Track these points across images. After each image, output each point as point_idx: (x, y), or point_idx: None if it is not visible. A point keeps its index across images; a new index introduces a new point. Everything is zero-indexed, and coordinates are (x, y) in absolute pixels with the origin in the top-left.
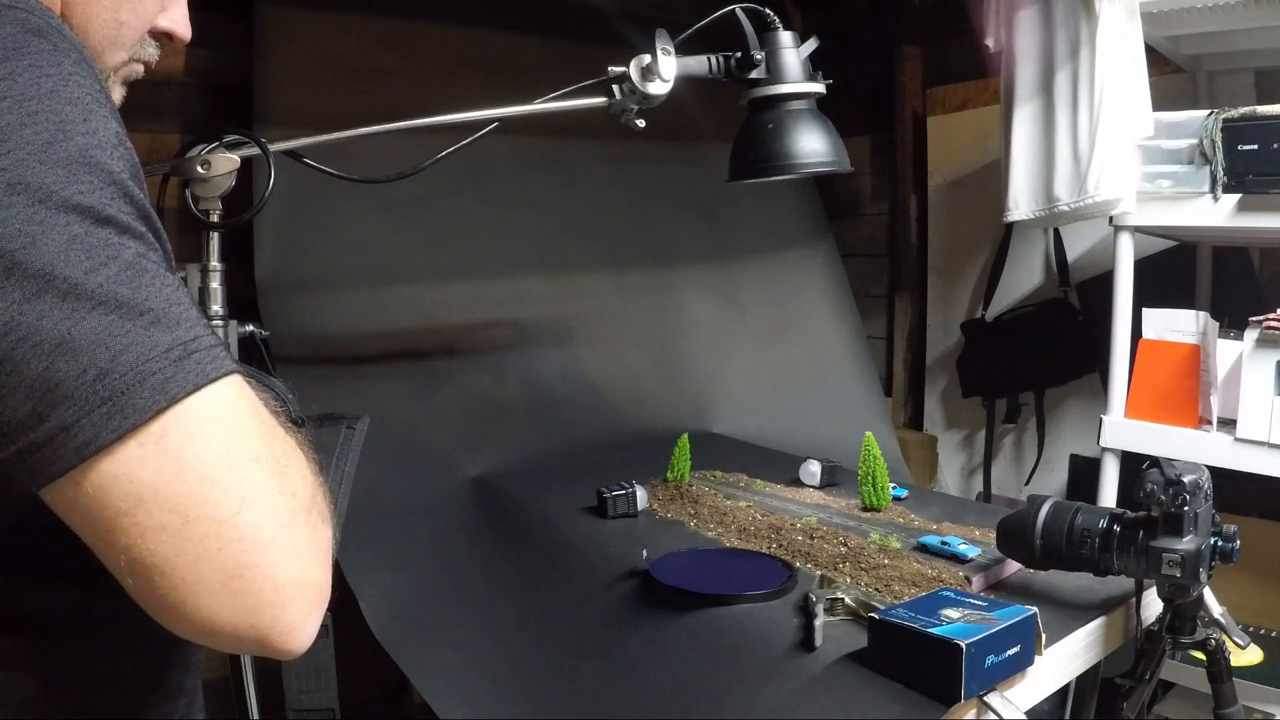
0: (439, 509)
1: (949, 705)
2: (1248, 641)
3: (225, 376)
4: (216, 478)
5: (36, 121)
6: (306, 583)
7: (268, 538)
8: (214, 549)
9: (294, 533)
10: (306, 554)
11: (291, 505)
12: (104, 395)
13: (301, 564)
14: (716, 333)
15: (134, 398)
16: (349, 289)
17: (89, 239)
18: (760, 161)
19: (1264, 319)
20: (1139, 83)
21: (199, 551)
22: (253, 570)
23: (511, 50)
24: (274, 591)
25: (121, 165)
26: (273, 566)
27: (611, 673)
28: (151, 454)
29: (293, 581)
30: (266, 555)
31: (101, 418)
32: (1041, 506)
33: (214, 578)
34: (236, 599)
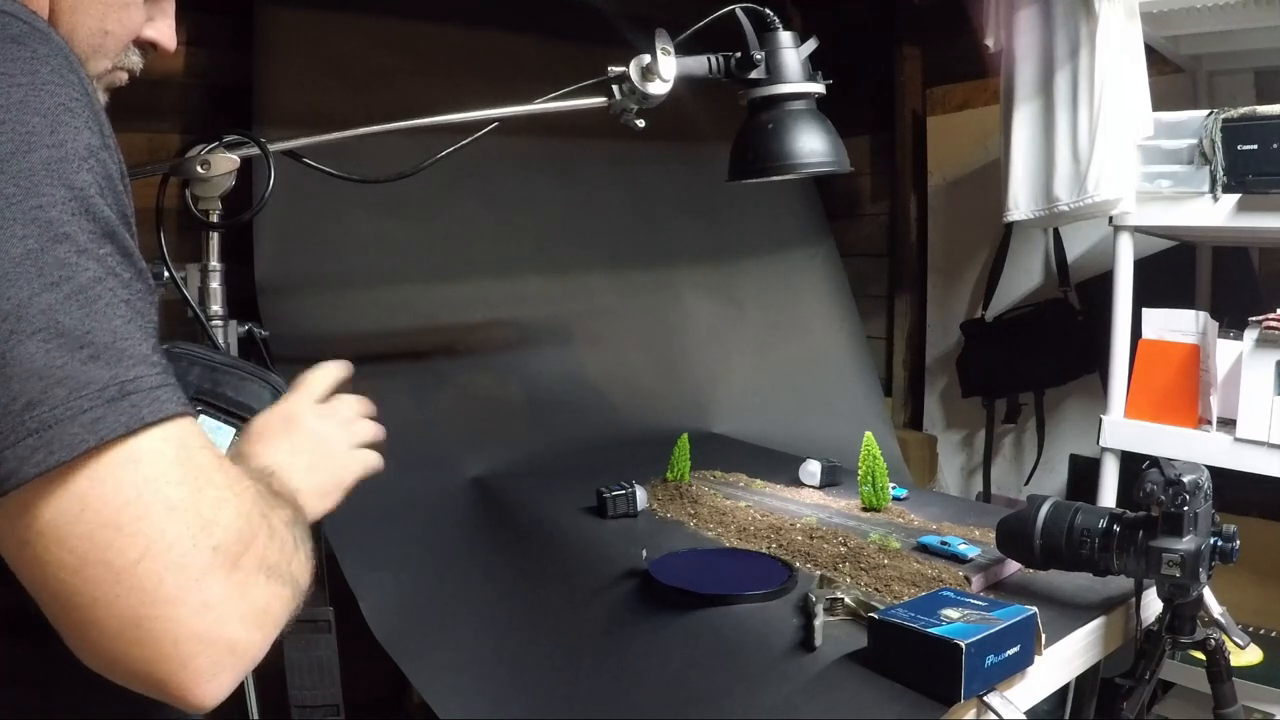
0: (439, 509)
1: (949, 705)
2: (1247, 641)
3: (164, 421)
4: (120, 524)
5: (1, 131)
6: (214, 640)
7: (170, 591)
8: (110, 595)
9: (205, 588)
10: (219, 610)
11: (208, 560)
12: (31, 427)
13: (210, 621)
14: (716, 333)
15: (61, 433)
16: (349, 289)
17: (43, 256)
18: (760, 161)
19: (1264, 319)
20: (1139, 83)
21: (95, 595)
22: (150, 622)
23: (511, 50)
24: (173, 645)
25: (89, 178)
26: (172, 620)
27: (611, 673)
28: (57, 491)
29: (195, 637)
30: (166, 609)
31: (26, 450)
32: (1041, 506)
33: (110, 623)
34: (135, 648)
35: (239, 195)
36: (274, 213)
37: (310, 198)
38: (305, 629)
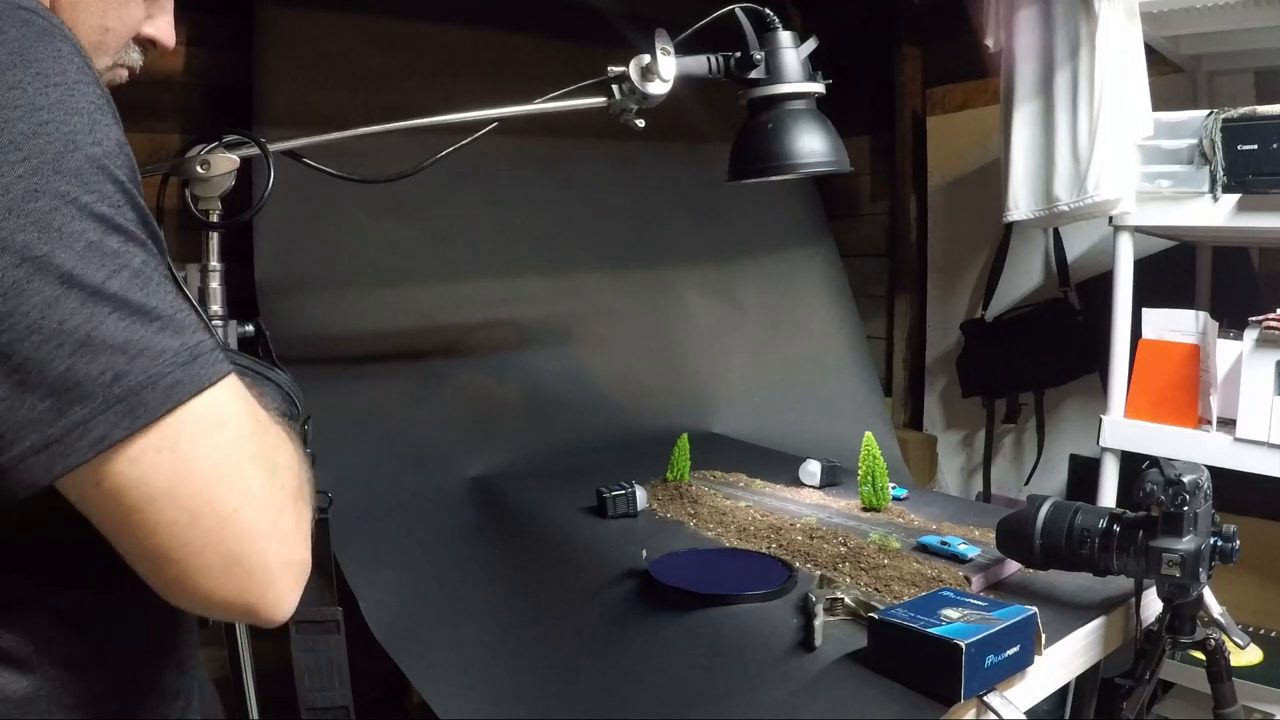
0: (439, 509)
1: (949, 705)
2: (1247, 641)
3: (225, 378)
4: (220, 478)
5: (48, 131)
6: (292, 563)
7: (262, 528)
8: (216, 540)
9: (282, 522)
10: (293, 539)
11: (281, 497)
12: (118, 394)
13: (288, 548)
14: (716, 333)
15: (146, 398)
16: (349, 289)
17: (104, 245)
18: (760, 161)
19: (1264, 319)
20: (1139, 83)
21: (204, 543)
22: (249, 557)
23: (511, 50)
24: (264, 573)
25: (126, 173)
26: (265, 554)
27: (611, 673)
28: (165, 458)
29: (281, 564)
30: (260, 543)
31: (116, 415)
32: (1041, 506)
33: (215, 563)
34: (233, 580)
35: (239, 195)
36: (274, 213)
37: (310, 198)
38: (314, 629)
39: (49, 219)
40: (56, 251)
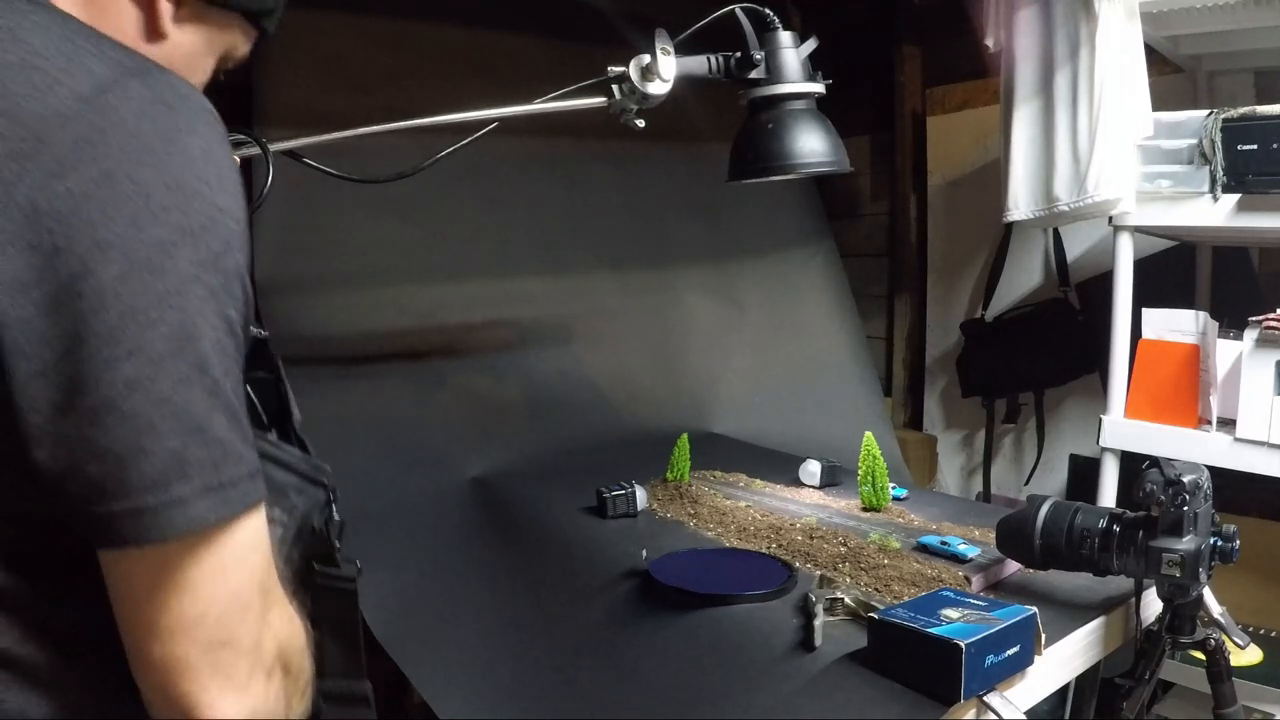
0: (439, 509)
1: (949, 705)
2: (1247, 641)
3: (262, 502)
4: (265, 585)
5: (218, 228)
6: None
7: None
8: (203, 639)
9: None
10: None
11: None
12: (215, 484)
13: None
14: (716, 333)
15: (231, 496)
16: (349, 289)
17: (226, 347)
18: (760, 161)
19: (1264, 319)
20: (1139, 83)
21: (193, 640)
22: (224, 665)
23: (511, 50)
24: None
25: (248, 288)
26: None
27: (611, 673)
28: (216, 556)
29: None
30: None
31: (211, 503)
32: (1041, 506)
33: (193, 658)
34: (191, 675)
35: None
36: (274, 213)
37: (310, 198)
38: (341, 705)
39: (200, 307)
40: (199, 340)
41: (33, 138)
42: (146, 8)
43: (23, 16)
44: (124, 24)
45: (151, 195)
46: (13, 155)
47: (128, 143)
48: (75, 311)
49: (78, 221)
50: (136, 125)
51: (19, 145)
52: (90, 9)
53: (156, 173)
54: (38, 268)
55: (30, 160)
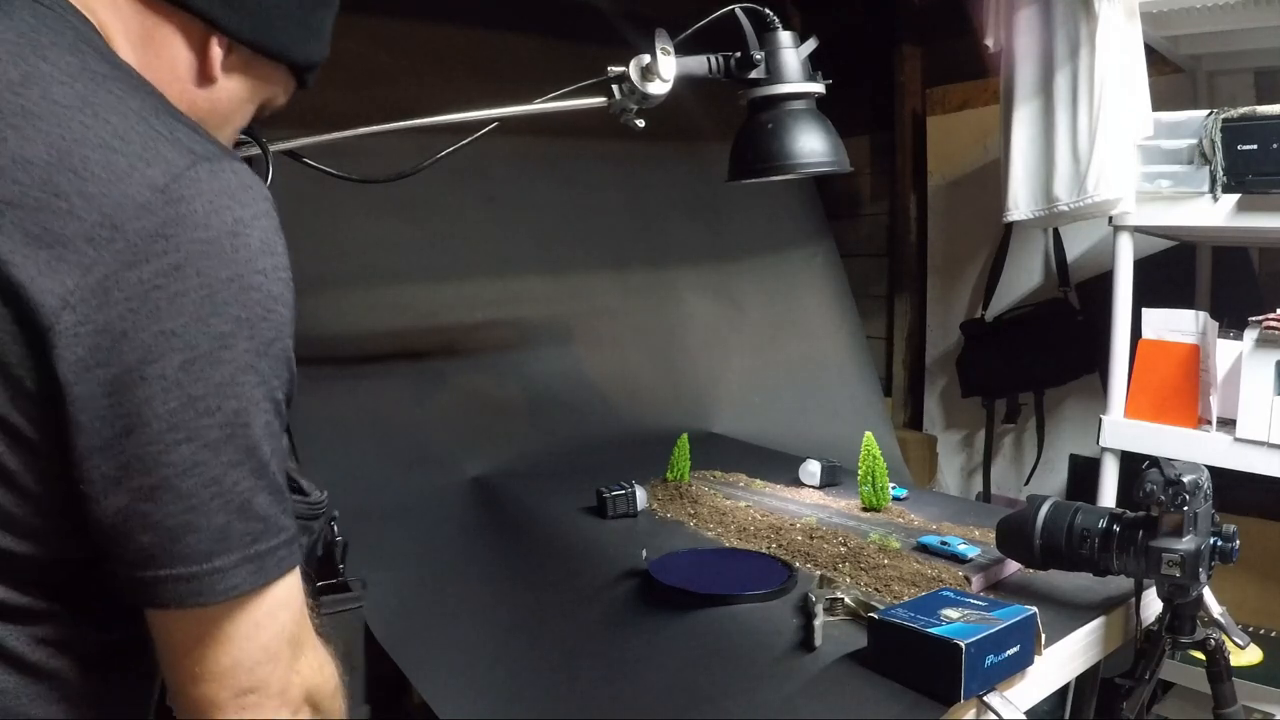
0: (439, 509)
1: (949, 705)
2: (1247, 641)
3: (297, 565)
4: (298, 638)
5: (272, 318)
6: None
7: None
8: (275, 666)
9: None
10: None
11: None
12: (252, 555)
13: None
14: (716, 333)
15: (267, 564)
16: (349, 289)
17: (272, 426)
18: (760, 161)
19: (1264, 319)
20: (1139, 83)
21: (220, 683)
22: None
23: (511, 50)
24: None
25: (294, 366)
26: None
27: (611, 673)
28: (252, 616)
29: None
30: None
31: (247, 573)
32: (1041, 506)
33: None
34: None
35: None
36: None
37: (310, 198)
38: None
39: (252, 394)
40: (251, 426)
41: (109, 224)
42: (199, 53)
43: (101, 86)
44: (177, 67)
45: (215, 289)
46: (89, 239)
47: (196, 236)
48: (138, 395)
49: (146, 310)
50: (205, 219)
51: (96, 230)
52: (146, 52)
53: (221, 266)
54: (105, 349)
55: (105, 247)
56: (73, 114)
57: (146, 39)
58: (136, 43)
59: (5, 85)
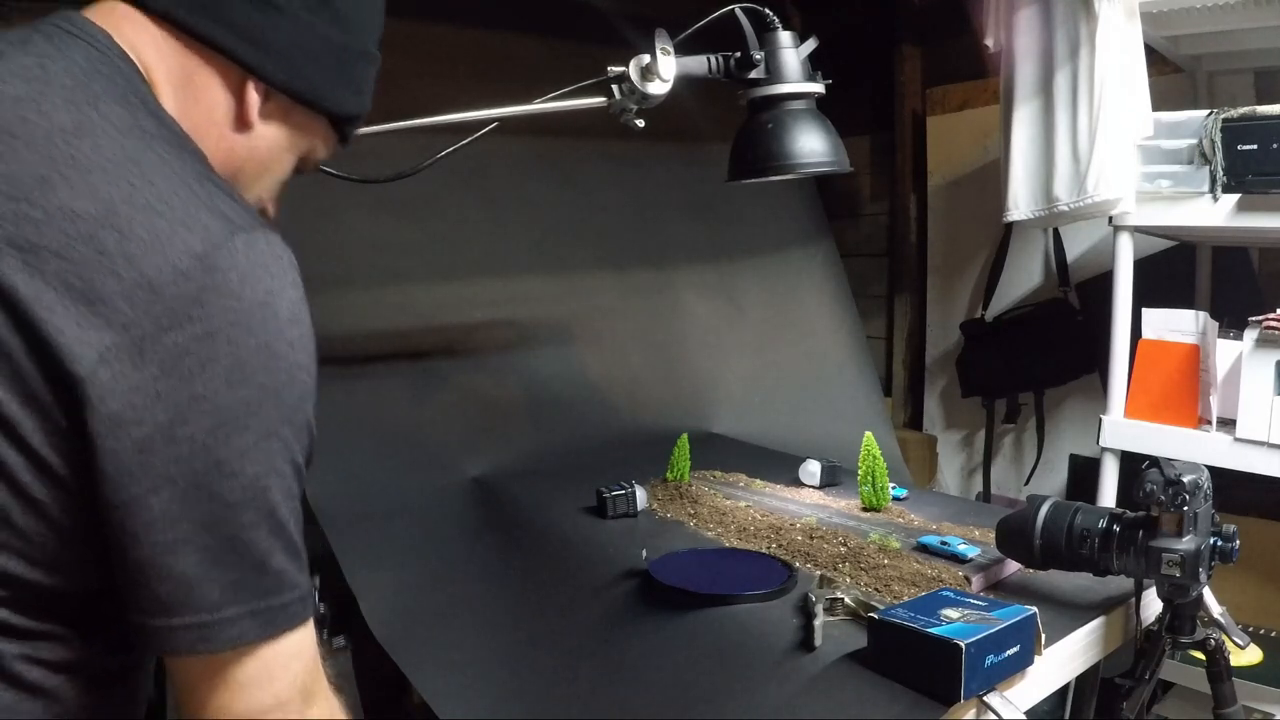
0: (439, 509)
1: (949, 705)
2: (1247, 641)
3: (310, 619)
4: (310, 689)
5: (295, 386)
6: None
7: None
8: None
9: None
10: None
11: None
12: (262, 609)
13: None
14: (716, 333)
15: (277, 618)
16: (349, 289)
17: (291, 489)
18: (760, 161)
19: (1264, 319)
20: (1139, 83)
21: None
22: None
23: (511, 50)
24: None
25: (314, 429)
26: None
27: (611, 673)
28: (261, 666)
29: None
30: None
31: (256, 624)
32: (1041, 506)
33: None
34: None
35: None
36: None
37: (310, 198)
38: None
39: (274, 459)
40: (271, 489)
41: (148, 286)
42: (237, 98)
43: (149, 146)
44: (215, 112)
45: (245, 358)
46: (128, 299)
47: (229, 305)
48: (166, 455)
49: (178, 372)
50: (239, 289)
51: (135, 291)
52: (186, 96)
53: (251, 336)
54: (138, 408)
55: (143, 309)
56: (121, 171)
57: (187, 82)
58: (177, 86)
59: (59, 132)
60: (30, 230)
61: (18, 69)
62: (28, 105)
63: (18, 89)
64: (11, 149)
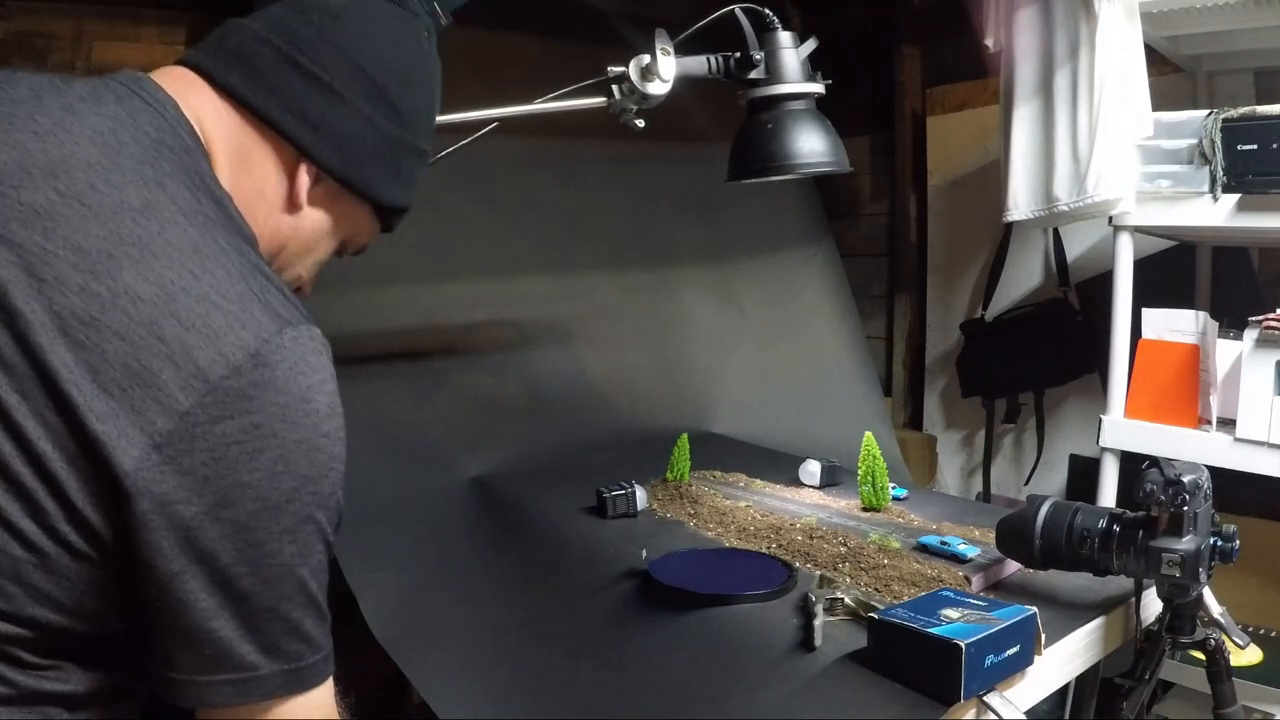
0: (439, 509)
1: (948, 705)
2: (1247, 641)
3: (330, 677)
4: None
5: (331, 473)
6: None
7: None
8: None
9: None
10: None
11: None
12: (293, 669)
13: None
14: (716, 333)
15: (305, 676)
16: (349, 289)
17: (322, 564)
18: (759, 161)
19: (1263, 319)
20: (1139, 83)
21: None
22: None
23: (511, 50)
24: None
25: (342, 506)
26: None
27: (611, 673)
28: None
29: None
30: None
31: (286, 680)
32: (1041, 506)
33: None
34: None
35: None
36: None
37: None
38: None
39: (309, 539)
40: (306, 565)
41: (202, 377)
42: (289, 178)
43: (210, 234)
44: (267, 190)
45: (287, 449)
46: (183, 387)
47: (276, 400)
48: (211, 534)
49: (226, 461)
50: (285, 384)
51: (190, 381)
52: (242, 171)
53: (294, 429)
54: (187, 489)
55: (197, 398)
56: (183, 259)
57: (244, 157)
58: (234, 160)
59: (127, 209)
60: (95, 306)
61: (91, 131)
62: (98, 173)
63: (90, 154)
64: (82, 218)
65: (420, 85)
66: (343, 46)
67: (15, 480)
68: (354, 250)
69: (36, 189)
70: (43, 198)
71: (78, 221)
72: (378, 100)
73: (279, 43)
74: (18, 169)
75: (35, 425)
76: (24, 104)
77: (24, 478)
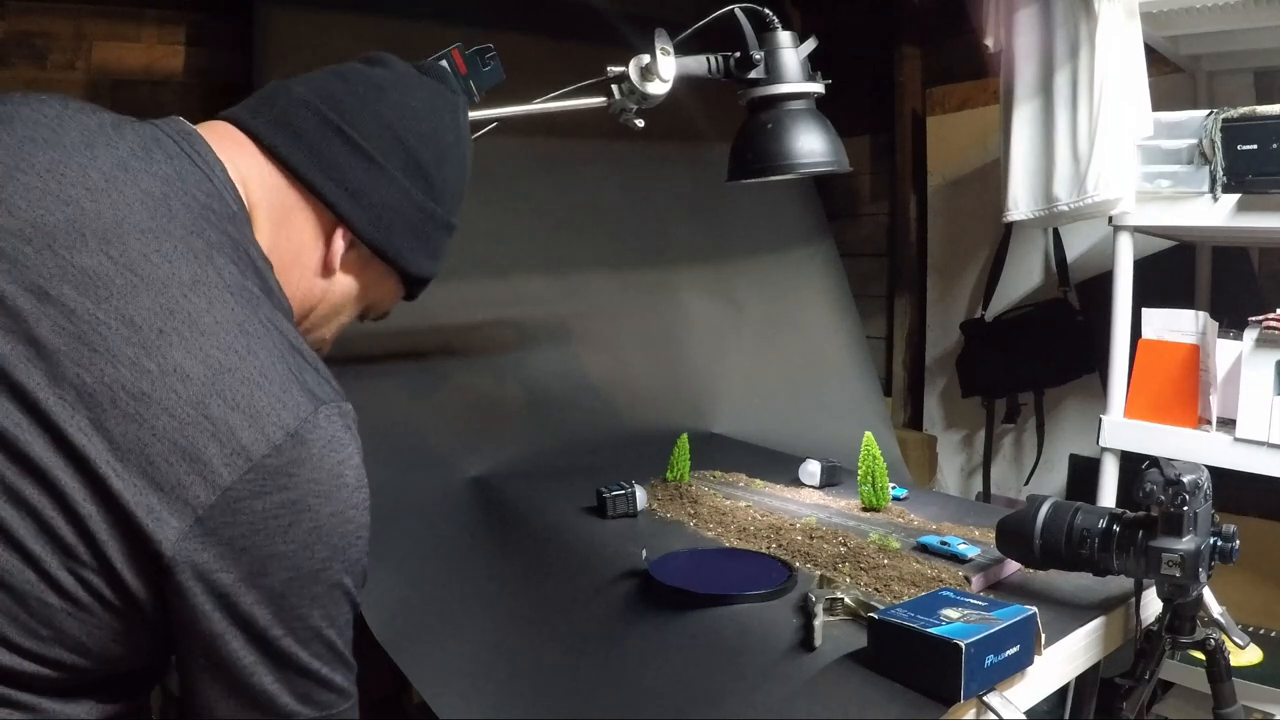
0: (439, 509)
1: (949, 705)
2: (1247, 641)
3: None
4: None
5: (360, 541)
6: None
7: None
8: None
9: None
10: None
11: None
12: (328, 715)
13: None
14: (716, 332)
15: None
16: None
17: (348, 620)
18: (759, 161)
19: (1263, 319)
20: (1139, 83)
21: None
22: None
23: (511, 50)
24: None
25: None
26: None
27: (611, 673)
28: None
29: None
30: None
31: None
32: (1041, 506)
33: None
34: None
35: None
36: None
37: None
38: None
39: (338, 603)
40: (334, 625)
41: (244, 455)
42: (326, 242)
43: (255, 312)
44: (304, 254)
45: (320, 523)
46: (226, 463)
47: (311, 477)
48: (247, 599)
49: (264, 532)
50: (319, 461)
51: (233, 458)
52: (281, 234)
53: (327, 504)
54: (226, 559)
55: (239, 474)
56: (230, 339)
57: (285, 219)
58: (276, 222)
59: (177, 283)
60: (145, 383)
61: (143, 194)
62: (151, 241)
63: (143, 219)
64: (134, 289)
65: (455, 162)
66: (385, 118)
67: (56, 535)
68: (376, 316)
69: (90, 252)
70: (96, 262)
71: (130, 292)
72: (415, 173)
73: (325, 109)
74: (70, 228)
75: (79, 487)
76: (76, 154)
77: (65, 534)
